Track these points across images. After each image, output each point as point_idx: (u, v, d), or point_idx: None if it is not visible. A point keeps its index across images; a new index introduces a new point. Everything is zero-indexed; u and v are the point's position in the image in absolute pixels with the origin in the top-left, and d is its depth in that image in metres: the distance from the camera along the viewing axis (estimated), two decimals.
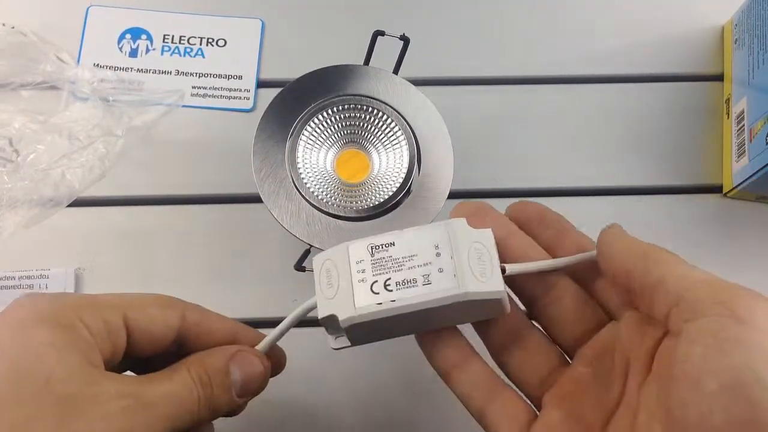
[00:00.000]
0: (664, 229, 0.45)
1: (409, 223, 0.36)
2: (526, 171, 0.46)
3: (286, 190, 0.38)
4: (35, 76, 0.46)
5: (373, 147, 0.40)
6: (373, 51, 0.40)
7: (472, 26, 0.49)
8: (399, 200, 0.38)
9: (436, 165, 0.39)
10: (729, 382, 0.21)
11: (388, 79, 0.40)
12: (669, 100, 0.47)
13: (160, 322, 0.30)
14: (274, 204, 0.38)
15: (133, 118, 0.45)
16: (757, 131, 0.41)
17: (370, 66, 0.40)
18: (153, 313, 0.30)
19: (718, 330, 0.22)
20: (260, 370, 0.31)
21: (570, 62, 0.48)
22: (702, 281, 0.24)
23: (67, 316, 0.27)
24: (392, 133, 0.39)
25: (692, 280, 0.25)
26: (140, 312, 0.29)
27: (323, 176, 0.39)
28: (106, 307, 0.28)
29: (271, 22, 0.49)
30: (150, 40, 0.48)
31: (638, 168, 0.46)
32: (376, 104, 0.39)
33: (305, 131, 0.39)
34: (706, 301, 0.23)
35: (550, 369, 0.30)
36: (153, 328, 0.29)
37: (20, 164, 0.44)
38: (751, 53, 0.44)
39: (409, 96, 0.40)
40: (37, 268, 0.43)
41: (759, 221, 0.45)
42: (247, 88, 0.47)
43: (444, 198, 0.38)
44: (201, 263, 0.44)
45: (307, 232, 0.37)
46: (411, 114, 0.39)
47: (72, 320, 0.27)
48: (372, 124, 0.40)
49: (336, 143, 0.40)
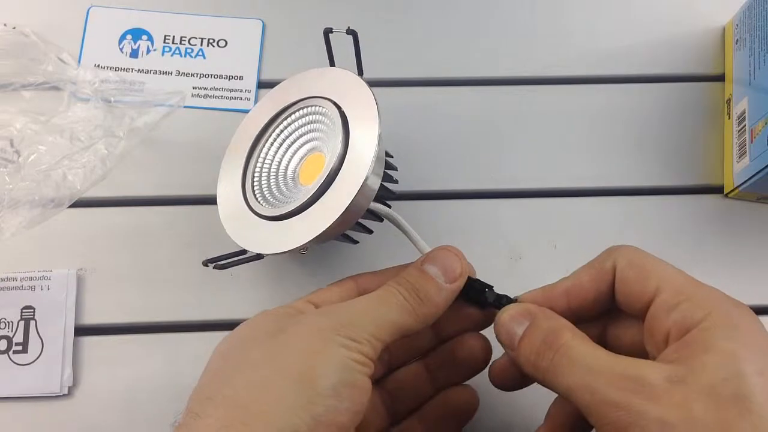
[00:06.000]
0: (665, 230, 0.45)
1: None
2: (527, 171, 0.46)
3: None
4: (36, 77, 0.46)
5: (327, 149, 0.39)
6: (332, 50, 0.40)
7: (473, 26, 0.49)
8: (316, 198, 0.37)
9: (360, 150, 0.37)
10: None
11: (343, 77, 0.39)
12: (670, 101, 0.47)
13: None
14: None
15: (135, 119, 0.45)
16: (758, 132, 0.41)
17: (336, 68, 0.40)
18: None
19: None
20: (452, 255, 0.33)
21: (570, 62, 0.48)
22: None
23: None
24: (327, 133, 0.39)
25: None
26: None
27: (282, 179, 0.40)
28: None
29: (272, 22, 0.49)
30: (151, 40, 0.48)
31: (639, 168, 0.46)
32: (320, 107, 0.39)
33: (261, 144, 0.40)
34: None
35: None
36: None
37: (21, 165, 0.44)
38: (752, 53, 0.44)
39: (359, 92, 0.38)
40: (39, 269, 0.43)
41: (760, 222, 0.45)
42: (248, 89, 0.47)
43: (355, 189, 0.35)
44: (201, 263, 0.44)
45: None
46: (351, 109, 0.38)
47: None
48: (321, 126, 0.39)
49: (298, 149, 0.40)
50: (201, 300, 0.43)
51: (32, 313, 0.42)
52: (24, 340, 0.42)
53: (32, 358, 0.42)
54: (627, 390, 0.27)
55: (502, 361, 0.35)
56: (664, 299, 0.29)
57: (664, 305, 0.29)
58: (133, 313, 0.43)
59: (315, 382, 0.28)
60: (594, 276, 0.32)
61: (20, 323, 0.42)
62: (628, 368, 0.27)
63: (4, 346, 0.42)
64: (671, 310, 0.28)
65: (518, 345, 0.31)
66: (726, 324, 0.27)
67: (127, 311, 0.43)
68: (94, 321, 0.43)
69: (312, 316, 0.31)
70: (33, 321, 0.42)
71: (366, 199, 0.36)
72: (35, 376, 0.41)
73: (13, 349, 0.42)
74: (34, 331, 0.42)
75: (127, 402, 0.41)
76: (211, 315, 0.42)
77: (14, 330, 0.42)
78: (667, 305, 0.29)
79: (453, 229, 0.45)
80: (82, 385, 0.42)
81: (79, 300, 0.43)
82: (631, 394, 0.26)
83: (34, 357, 0.42)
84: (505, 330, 0.32)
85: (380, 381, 0.37)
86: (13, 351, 0.42)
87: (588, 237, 0.44)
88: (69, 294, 0.42)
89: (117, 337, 0.42)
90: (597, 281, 0.32)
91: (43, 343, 0.42)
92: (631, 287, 0.30)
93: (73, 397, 0.41)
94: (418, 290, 0.32)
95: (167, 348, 0.42)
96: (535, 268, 0.44)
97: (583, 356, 0.29)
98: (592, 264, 0.32)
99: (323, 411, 0.28)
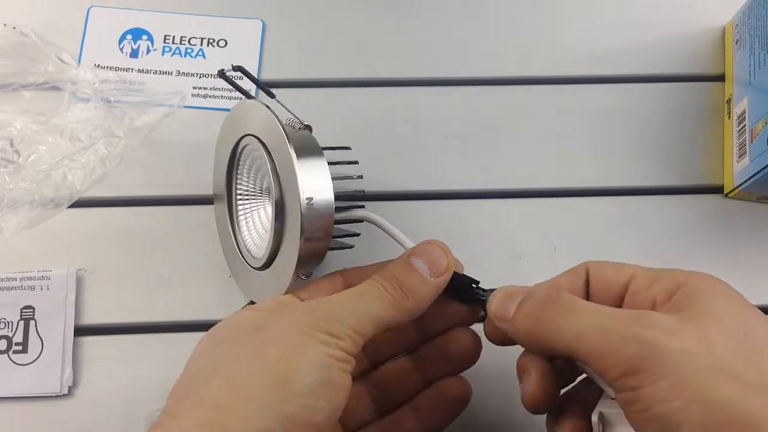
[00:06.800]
0: (665, 230, 0.45)
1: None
2: (527, 171, 0.46)
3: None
4: (36, 77, 0.46)
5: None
6: (238, 87, 0.39)
7: (473, 26, 0.49)
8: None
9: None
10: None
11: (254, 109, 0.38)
12: (670, 101, 0.47)
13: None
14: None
15: (135, 119, 0.45)
16: (758, 132, 0.41)
17: (244, 100, 0.40)
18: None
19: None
20: (438, 249, 0.33)
21: (570, 62, 0.48)
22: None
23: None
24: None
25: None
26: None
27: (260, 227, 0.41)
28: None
29: (272, 22, 0.49)
30: (151, 40, 0.48)
31: (639, 168, 0.46)
32: (254, 147, 0.38)
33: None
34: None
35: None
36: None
37: (21, 165, 0.44)
38: (752, 54, 0.44)
39: (267, 121, 0.37)
40: (39, 269, 0.43)
41: (760, 222, 0.45)
42: (248, 89, 0.47)
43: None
44: (202, 263, 0.44)
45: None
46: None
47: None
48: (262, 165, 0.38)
49: (260, 195, 0.41)
50: (201, 300, 0.43)
51: (32, 313, 0.42)
52: (24, 340, 0.42)
53: (32, 358, 0.42)
54: (643, 326, 0.27)
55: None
56: (643, 278, 0.31)
57: (644, 282, 0.30)
58: (133, 313, 0.43)
59: (291, 380, 0.28)
60: (569, 277, 0.33)
61: (20, 323, 0.42)
62: (639, 313, 0.28)
63: (4, 346, 0.42)
64: (652, 282, 0.30)
65: (515, 313, 0.31)
66: (708, 283, 0.29)
67: (127, 311, 0.43)
68: (93, 321, 0.43)
69: (292, 312, 0.31)
70: (33, 321, 0.42)
71: (324, 218, 0.35)
72: (35, 376, 0.41)
73: (12, 349, 0.42)
74: (34, 331, 0.42)
75: (127, 402, 0.41)
76: (211, 315, 0.42)
77: (14, 330, 0.42)
78: (647, 281, 0.30)
79: (453, 228, 0.45)
80: (82, 385, 0.42)
81: (79, 300, 0.43)
82: (648, 329, 0.27)
83: (34, 357, 0.42)
84: (500, 303, 0.32)
85: (366, 374, 0.37)
86: (12, 351, 0.42)
87: (588, 237, 0.44)
88: (69, 294, 0.42)
89: (117, 337, 0.42)
90: (572, 279, 0.33)
91: (43, 343, 0.42)
92: (606, 277, 0.32)
93: (73, 397, 0.41)
94: (403, 283, 0.32)
95: (167, 348, 0.42)
96: (534, 269, 0.43)
97: (590, 305, 0.30)
98: (566, 271, 0.34)
99: (298, 410, 0.28)
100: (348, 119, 0.47)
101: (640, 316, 0.28)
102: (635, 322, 0.27)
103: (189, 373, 0.31)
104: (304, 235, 0.34)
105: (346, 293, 0.32)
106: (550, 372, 0.31)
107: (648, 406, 0.26)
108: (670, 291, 0.29)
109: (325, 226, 0.35)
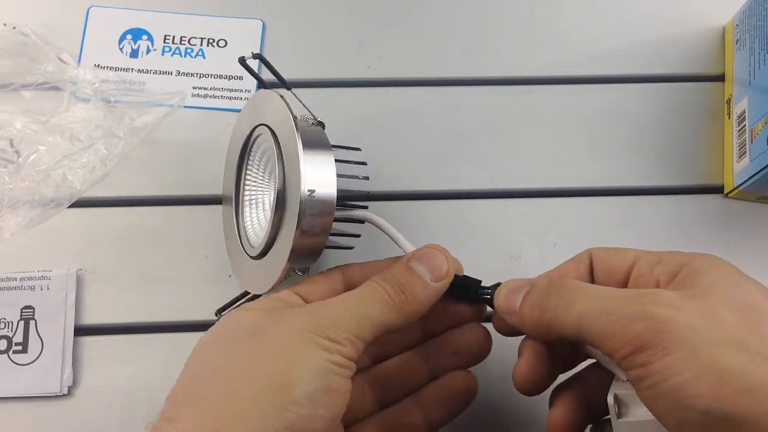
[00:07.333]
0: (665, 230, 0.45)
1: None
2: (527, 171, 0.46)
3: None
4: (36, 77, 0.46)
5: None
6: (256, 75, 0.40)
7: (473, 27, 0.49)
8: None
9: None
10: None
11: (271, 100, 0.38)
12: (670, 101, 0.47)
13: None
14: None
15: (135, 119, 0.45)
16: (758, 132, 0.41)
17: (262, 90, 0.40)
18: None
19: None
20: (439, 253, 0.34)
21: (570, 62, 0.48)
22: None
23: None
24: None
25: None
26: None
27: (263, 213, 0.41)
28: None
29: (271, 22, 0.49)
30: (151, 40, 0.48)
31: (639, 168, 0.46)
32: (265, 137, 0.38)
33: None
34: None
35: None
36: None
37: (21, 165, 0.44)
38: (752, 54, 0.44)
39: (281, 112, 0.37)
40: (39, 269, 0.43)
41: (760, 221, 0.45)
42: (248, 89, 0.47)
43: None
44: (202, 264, 0.44)
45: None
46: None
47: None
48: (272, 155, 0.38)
49: (267, 182, 0.41)
50: (201, 300, 0.43)
51: (32, 313, 0.42)
52: (24, 340, 0.42)
53: (32, 358, 0.42)
54: (648, 303, 0.27)
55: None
56: (645, 261, 0.31)
57: (647, 265, 0.31)
58: (133, 313, 0.43)
59: (291, 388, 0.28)
60: (573, 264, 0.34)
61: (20, 323, 0.42)
62: (643, 291, 0.29)
63: (4, 346, 0.42)
64: (655, 265, 0.31)
65: (521, 305, 0.32)
66: (709, 261, 0.30)
67: (127, 311, 0.43)
68: (94, 321, 0.43)
69: (293, 316, 0.31)
70: (33, 321, 0.42)
71: (323, 212, 0.35)
72: (35, 376, 0.41)
73: (13, 349, 0.42)
74: (34, 331, 0.42)
75: (127, 402, 0.41)
76: (211, 315, 0.42)
77: (14, 330, 0.42)
78: (649, 264, 0.31)
79: (453, 228, 0.45)
80: (82, 384, 0.42)
81: (79, 300, 0.43)
82: (654, 306, 0.27)
83: (34, 357, 0.42)
84: (505, 297, 0.32)
85: (368, 368, 0.37)
86: (13, 351, 0.42)
87: (588, 237, 0.44)
88: (69, 294, 0.42)
89: (117, 337, 0.42)
90: (576, 266, 0.34)
91: (43, 343, 0.42)
92: (610, 262, 0.33)
93: (73, 396, 0.41)
94: (404, 287, 0.32)
95: (167, 348, 0.42)
96: (534, 268, 0.43)
97: (594, 287, 0.30)
98: (570, 259, 0.35)
99: (297, 419, 0.28)
100: (348, 119, 0.47)
101: (644, 294, 0.28)
102: (641, 300, 0.28)
103: (188, 375, 0.31)
104: (301, 227, 0.34)
105: (346, 296, 0.32)
106: (543, 354, 0.32)
107: (659, 380, 0.26)
108: (673, 272, 0.30)
109: (323, 221, 0.35)
